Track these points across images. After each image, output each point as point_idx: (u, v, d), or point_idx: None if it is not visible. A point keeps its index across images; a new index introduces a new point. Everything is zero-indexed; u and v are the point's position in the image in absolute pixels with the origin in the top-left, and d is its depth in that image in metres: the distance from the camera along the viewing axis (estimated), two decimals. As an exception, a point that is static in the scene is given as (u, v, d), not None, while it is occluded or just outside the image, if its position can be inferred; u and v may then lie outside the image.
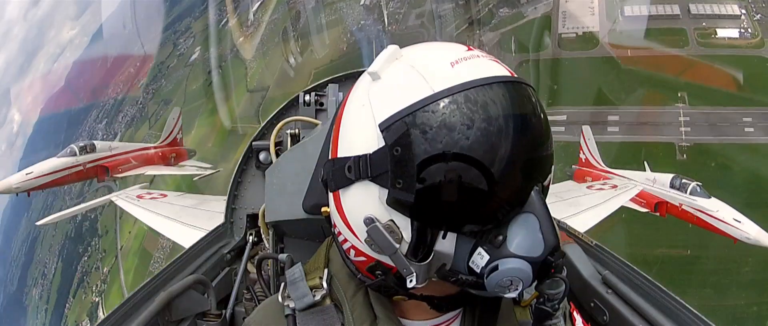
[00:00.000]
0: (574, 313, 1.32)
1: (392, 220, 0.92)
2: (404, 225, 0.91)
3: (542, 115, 0.93)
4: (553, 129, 0.97)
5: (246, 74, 32.22)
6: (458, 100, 0.86)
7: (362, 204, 0.94)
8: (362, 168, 0.91)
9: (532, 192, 0.89)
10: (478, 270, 0.91)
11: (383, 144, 0.89)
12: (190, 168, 18.50)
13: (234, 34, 34.14)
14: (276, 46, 31.64)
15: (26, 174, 12.98)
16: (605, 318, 1.64)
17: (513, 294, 0.90)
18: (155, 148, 17.83)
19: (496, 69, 0.92)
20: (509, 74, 0.93)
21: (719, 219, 11.44)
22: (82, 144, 14.62)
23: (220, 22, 35.91)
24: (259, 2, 33.52)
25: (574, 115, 20.18)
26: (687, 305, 1.51)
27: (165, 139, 18.23)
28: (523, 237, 0.89)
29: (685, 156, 18.88)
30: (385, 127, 0.89)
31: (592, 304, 1.71)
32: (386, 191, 0.89)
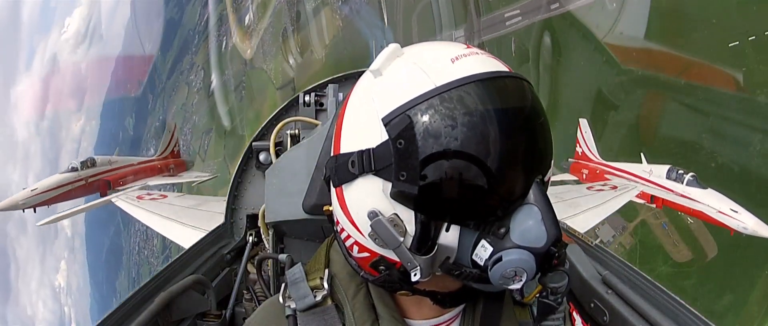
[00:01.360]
0: (574, 314, 1.31)
1: (396, 214, 0.92)
2: (408, 219, 0.92)
3: (540, 110, 0.95)
4: (511, 20, 1.00)
5: (269, 77, 32.81)
6: (459, 93, 0.87)
7: (366, 199, 0.95)
8: (365, 162, 0.92)
9: (533, 184, 0.90)
10: (482, 263, 0.91)
11: (386, 137, 0.90)
12: (188, 177, 18.65)
13: (241, 48, 34.48)
14: (285, 40, 32.19)
15: (31, 190, 13.25)
16: (605, 318, 1.64)
17: (517, 285, 0.91)
18: (154, 160, 17.97)
19: (495, 65, 0.94)
20: (507, 70, 0.95)
21: (716, 210, 11.47)
22: (82, 159, 14.83)
23: (222, 46, 36.61)
24: (253, 8, 33.79)
25: (525, 6, 22.67)
26: (687, 305, 1.52)
27: (163, 152, 18.40)
28: (525, 229, 0.89)
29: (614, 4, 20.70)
30: (388, 121, 0.90)
31: (592, 305, 1.70)
32: (390, 184, 0.90)
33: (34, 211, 13.47)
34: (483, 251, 0.91)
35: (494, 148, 0.86)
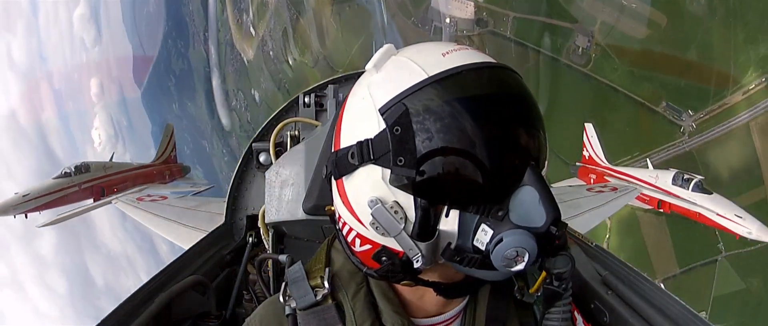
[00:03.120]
0: (575, 313, 1.30)
1: (396, 201, 0.94)
2: (408, 205, 0.94)
3: (530, 97, 0.98)
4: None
5: (299, 62, 33.13)
6: (451, 81, 0.91)
7: (366, 187, 0.97)
8: (365, 152, 0.95)
9: (528, 167, 0.92)
10: (483, 248, 0.92)
11: (384, 126, 0.92)
12: (183, 186, 18.31)
13: (245, 54, 35.11)
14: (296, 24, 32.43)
15: (23, 196, 12.94)
16: (606, 319, 1.62)
17: (519, 267, 0.91)
18: (150, 166, 17.66)
19: (484, 58, 0.97)
20: (494, 63, 0.99)
21: (721, 216, 11.55)
22: (76, 164, 14.51)
23: (244, 64, 37.40)
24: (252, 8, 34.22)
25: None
26: (687, 306, 1.51)
27: (159, 157, 18.08)
28: (524, 210, 0.91)
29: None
30: (385, 110, 0.93)
31: (592, 306, 1.68)
32: (389, 172, 0.92)
33: (26, 217, 13.15)
34: (483, 235, 0.92)
35: (487, 131, 0.89)
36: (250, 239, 2.52)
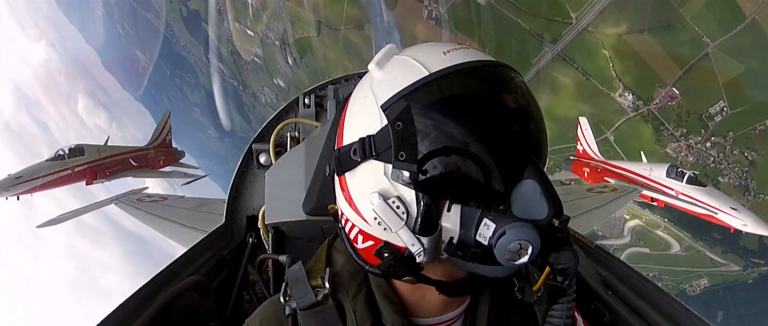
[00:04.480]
0: (575, 313, 1.30)
1: (398, 196, 0.95)
2: (410, 200, 0.95)
3: (529, 94, 0.99)
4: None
5: (307, 37, 32.53)
6: (452, 79, 0.93)
7: (369, 183, 0.98)
8: (367, 148, 0.96)
9: (530, 162, 0.93)
10: (486, 242, 0.93)
11: (386, 122, 0.94)
12: (177, 172, 18.23)
13: (253, 55, 34.90)
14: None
15: (16, 177, 12.77)
16: (606, 319, 1.64)
17: (523, 260, 0.91)
18: (144, 150, 17.49)
19: (484, 56, 0.98)
20: (495, 61, 1.00)
21: (716, 209, 11.55)
22: (70, 147, 14.34)
23: (257, 66, 37.05)
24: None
25: None
26: (687, 307, 1.52)
27: (154, 141, 17.93)
28: (526, 203, 0.92)
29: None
30: (387, 106, 0.94)
31: (592, 306, 1.70)
32: (391, 167, 0.94)
33: (18, 199, 13.01)
34: (486, 229, 0.93)
35: (488, 127, 0.90)
36: (250, 239, 2.51)
